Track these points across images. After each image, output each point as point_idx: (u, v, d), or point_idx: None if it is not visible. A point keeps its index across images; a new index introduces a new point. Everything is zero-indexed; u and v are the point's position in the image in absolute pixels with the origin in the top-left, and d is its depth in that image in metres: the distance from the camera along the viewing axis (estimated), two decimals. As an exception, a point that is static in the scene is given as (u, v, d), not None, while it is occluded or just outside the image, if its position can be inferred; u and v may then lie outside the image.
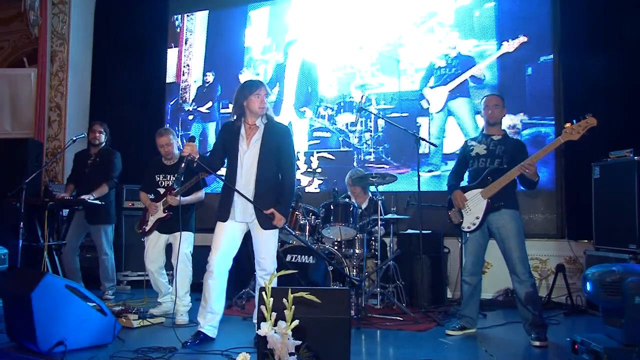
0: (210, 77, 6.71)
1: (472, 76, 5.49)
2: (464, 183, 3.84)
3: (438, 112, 5.60)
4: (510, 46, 5.34)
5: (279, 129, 3.40)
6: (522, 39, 5.30)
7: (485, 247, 3.71)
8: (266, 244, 3.35)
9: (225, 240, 3.38)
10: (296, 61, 6.29)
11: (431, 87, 5.65)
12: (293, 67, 6.30)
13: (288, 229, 3.36)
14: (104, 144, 5.07)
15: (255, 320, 3.40)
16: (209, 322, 3.39)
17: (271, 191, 3.33)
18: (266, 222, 3.30)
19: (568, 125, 3.32)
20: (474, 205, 3.60)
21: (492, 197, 3.53)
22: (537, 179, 3.50)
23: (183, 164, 3.79)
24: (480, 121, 5.26)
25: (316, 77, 6.16)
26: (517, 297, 3.53)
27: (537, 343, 3.34)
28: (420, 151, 5.48)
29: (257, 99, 3.30)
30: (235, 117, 3.41)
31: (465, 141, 3.89)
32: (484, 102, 3.73)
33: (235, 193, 3.31)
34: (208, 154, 3.53)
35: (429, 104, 5.64)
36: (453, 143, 5.44)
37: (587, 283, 2.74)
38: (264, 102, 3.31)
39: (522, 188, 3.71)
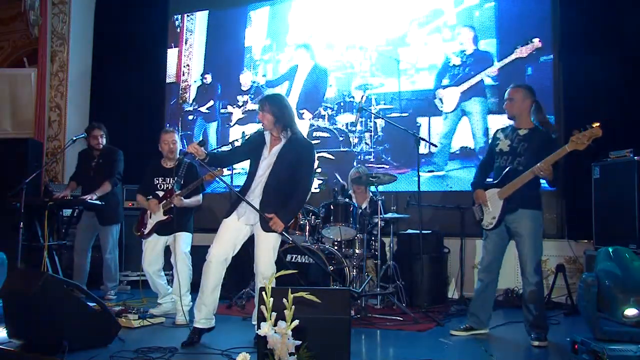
0: (208, 78, 6.71)
1: (487, 75, 5.47)
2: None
3: (451, 112, 5.57)
4: (523, 51, 5.30)
5: (299, 145, 3.42)
6: (537, 44, 5.25)
7: (504, 249, 3.65)
8: (264, 247, 3.36)
9: (227, 235, 3.41)
10: (302, 63, 6.27)
11: (444, 87, 5.62)
12: (296, 68, 6.30)
13: (285, 234, 3.35)
14: (104, 142, 5.07)
15: (254, 322, 3.40)
16: (205, 316, 3.40)
17: (277, 200, 3.34)
18: (270, 228, 3.32)
19: (576, 133, 3.19)
20: (492, 204, 3.55)
21: (507, 198, 3.47)
22: (552, 178, 3.38)
23: (182, 167, 3.83)
24: (492, 121, 5.30)
25: (323, 80, 6.14)
26: (522, 297, 3.53)
27: (536, 343, 3.33)
28: (426, 151, 5.49)
29: (260, 114, 3.44)
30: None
31: (495, 132, 3.74)
32: (506, 93, 3.60)
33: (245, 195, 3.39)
34: (228, 149, 3.64)
35: (442, 104, 5.61)
36: (461, 143, 5.45)
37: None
38: (260, 116, 3.43)
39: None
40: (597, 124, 3.13)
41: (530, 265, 3.44)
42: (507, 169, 3.51)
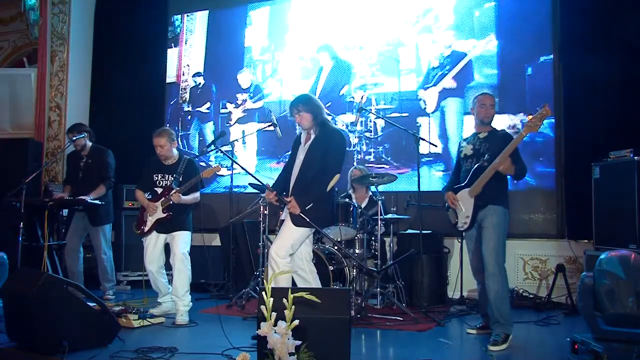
0: (200, 80, 6.71)
1: (454, 75, 5.54)
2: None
3: (434, 112, 5.61)
4: (482, 46, 5.43)
5: (326, 137, 3.56)
6: (491, 36, 5.43)
7: None
8: (283, 231, 3.51)
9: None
10: (325, 64, 6.24)
11: (425, 88, 5.67)
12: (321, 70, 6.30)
13: (303, 216, 3.40)
14: (89, 143, 5.05)
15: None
16: None
17: (303, 189, 3.50)
18: (298, 220, 3.43)
19: (529, 117, 3.34)
20: (464, 204, 3.62)
21: (477, 196, 3.53)
22: (514, 172, 3.45)
23: (182, 164, 3.80)
24: (468, 122, 5.33)
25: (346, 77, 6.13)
26: (486, 292, 3.49)
27: (491, 348, 3.27)
28: (433, 150, 5.49)
29: (297, 117, 3.62)
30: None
31: (459, 142, 3.94)
32: (478, 100, 3.69)
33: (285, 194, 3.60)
34: (281, 171, 3.84)
35: (425, 105, 5.65)
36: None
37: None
38: (298, 119, 3.60)
39: (521, 188, 3.70)
40: (546, 105, 3.30)
41: (492, 258, 3.43)
42: (474, 168, 3.58)
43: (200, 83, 6.72)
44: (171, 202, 4.10)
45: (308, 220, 3.41)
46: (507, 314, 3.41)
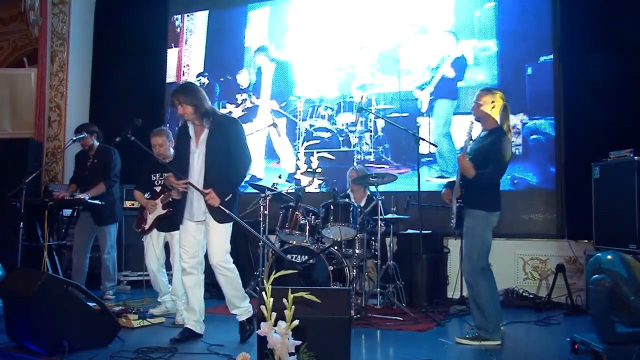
0: (204, 80, 6.72)
1: (442, 76, 5.56)
2: None
3: (427, 111, 5.64)
4: (482, 46, 5.45)
5: (223, 125, 3.42)
6: (491, 36, 5.46)
7: None
8: (216, 238, 3.37)
9: (188, 240, 3.46)
10: (264, 65, 6.37)
11: (421, 88, 5.67)
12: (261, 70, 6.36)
13: (223, 208, 3.29)
14: (96, 143, 5.05)
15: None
16: (193, 318, 3.48)
17: (223, 183, 3.36)
18: (219, 215, 3.32)
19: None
20: (454, 204, 3.62)
21: (459, 198, 3.53)
22: (473, 175, 3.34)
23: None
24: (456, 121, 5.43)
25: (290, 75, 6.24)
26: None
27: (458, 339, 3.40)
28: (433, 150, 5.50)
29: (179, 108, 3.42)
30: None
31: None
32: None
33: (189, 193, 3.43)
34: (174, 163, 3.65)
35: (422, 105, 5.67)
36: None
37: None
38: (180, 110, 3.41)
39: (521, 188, 3.68)
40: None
41: (467, 263, 3.46)
42: (457, 168, 3.55)
43: (204, 83, 6.72)
44: (170, 199, 4.10)
45: (228, 212, 3.30)
46: (481, 321, 3.41)
